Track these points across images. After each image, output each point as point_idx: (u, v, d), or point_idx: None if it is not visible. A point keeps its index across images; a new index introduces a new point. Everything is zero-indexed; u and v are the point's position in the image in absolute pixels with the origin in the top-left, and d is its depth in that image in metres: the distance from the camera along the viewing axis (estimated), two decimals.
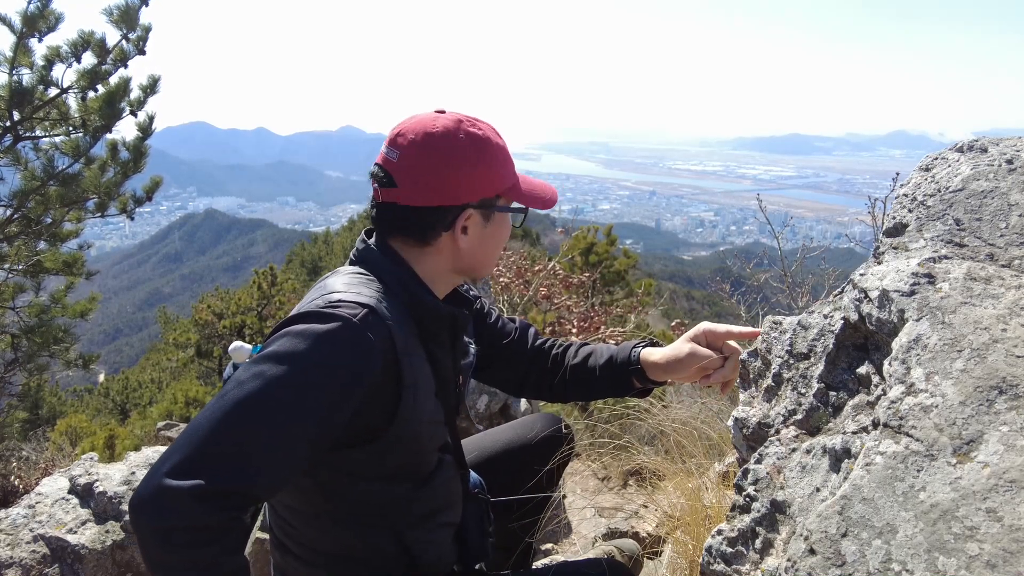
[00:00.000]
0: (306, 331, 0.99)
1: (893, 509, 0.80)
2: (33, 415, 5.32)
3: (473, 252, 1.19)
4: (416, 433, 1.12)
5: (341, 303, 1.04)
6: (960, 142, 1.25)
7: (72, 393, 11.91)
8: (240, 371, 0.98)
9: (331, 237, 29.50)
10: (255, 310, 13.01)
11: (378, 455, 1.10)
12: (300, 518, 1.18)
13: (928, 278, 1.01)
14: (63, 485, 2.29)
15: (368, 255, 1.19)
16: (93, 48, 3.83)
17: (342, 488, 1.13)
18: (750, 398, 1.24)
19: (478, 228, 1.18)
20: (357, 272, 1.16)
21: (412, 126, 1.14)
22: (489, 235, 1.20)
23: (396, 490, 1.16)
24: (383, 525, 1.16)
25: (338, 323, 1.00)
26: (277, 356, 0.97)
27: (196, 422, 0.93)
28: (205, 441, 0.90)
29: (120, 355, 42.00)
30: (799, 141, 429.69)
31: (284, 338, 0.99)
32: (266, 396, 0.94)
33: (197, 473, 0.87)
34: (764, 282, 4.53)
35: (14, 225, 4.00)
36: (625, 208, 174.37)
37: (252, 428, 0.92)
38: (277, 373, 0.95)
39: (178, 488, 0.86)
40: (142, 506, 0.87)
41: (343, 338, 1.00)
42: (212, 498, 0.87)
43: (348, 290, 1.08)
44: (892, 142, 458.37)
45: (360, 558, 1.17)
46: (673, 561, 1.57)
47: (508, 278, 6.68)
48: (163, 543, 0.86)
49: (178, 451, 0.90)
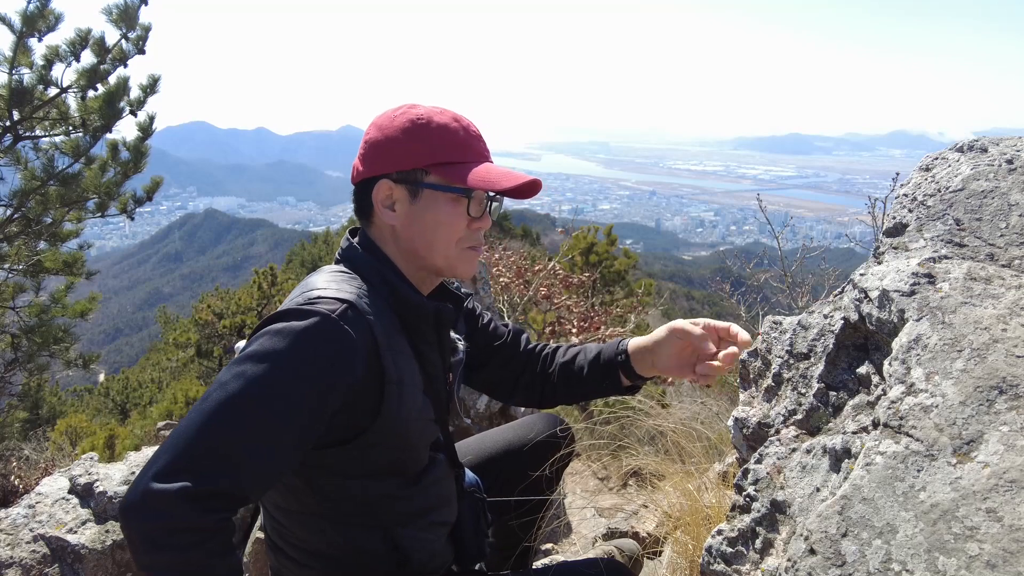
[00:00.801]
0: (285, 329, 0.99)
1: (893, 509, 0.80)
2: (33, 415, 5.32)
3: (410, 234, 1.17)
4: (404, 430, 1.12)
5: (320, 299, 1.04)
6: (960, 142, 1.25)
7: (72, 393, 11.92)
8: (222, 372, 0.98)
9: (331, 237, 29.50)
10: (255, 310, 13.00)
11: (363, 452, 1.10)
12: (292, 518, 1.18)
13: (928, 278, 1.01)
14: (63, 485, 2.29)
15: (350, 253, 1.20)
16: (92, 47, 3.83)
17: (331, 487, 1.13)
18: (750, 398, 1.24)
19: (405, 205, 1.16)
20: (339, 270, 1.16)
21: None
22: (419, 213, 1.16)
23: (385, 488, 1.15)
24: (373, 524, 1.16)
25: (316, 318, 1.00)
26: (257, 355, 0.97)
27: (181, 425, 0.93)
28: (190, 443, 0.90)
29: (120, 355, 42.01)
30: (799, 141, 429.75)
31: (264, 337, 0.99)
32: (248, 396, 0.94)
33: (183, 475, 0.88)
34: (764, 282, 4.53)
35: (14, 225, 4.00)
36: (625, 208, 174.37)
37: (235, 428, 0.93)
38: (258, 372, 0.95)
39: (165, 491, 0.86)
40: (130, 510, 0.87)
41: (322, 334, 1.00)
42: (199, 499, 0.88)
43: (328, 286, 1.09)
44: (892, 142, 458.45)
45: (352, 558, 1.17)
46: (673, 561, 1.57)
47: (508, 278, 6.68)
48: (152, 546, 0.86)
49: (164, 454, 0.90)
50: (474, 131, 1.20)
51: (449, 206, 1.16)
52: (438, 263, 1.19)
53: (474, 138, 1.19)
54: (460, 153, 1.17)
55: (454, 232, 1.17)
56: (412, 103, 1.21)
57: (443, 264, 1.19)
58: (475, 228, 1.19)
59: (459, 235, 1.18)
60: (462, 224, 1.17)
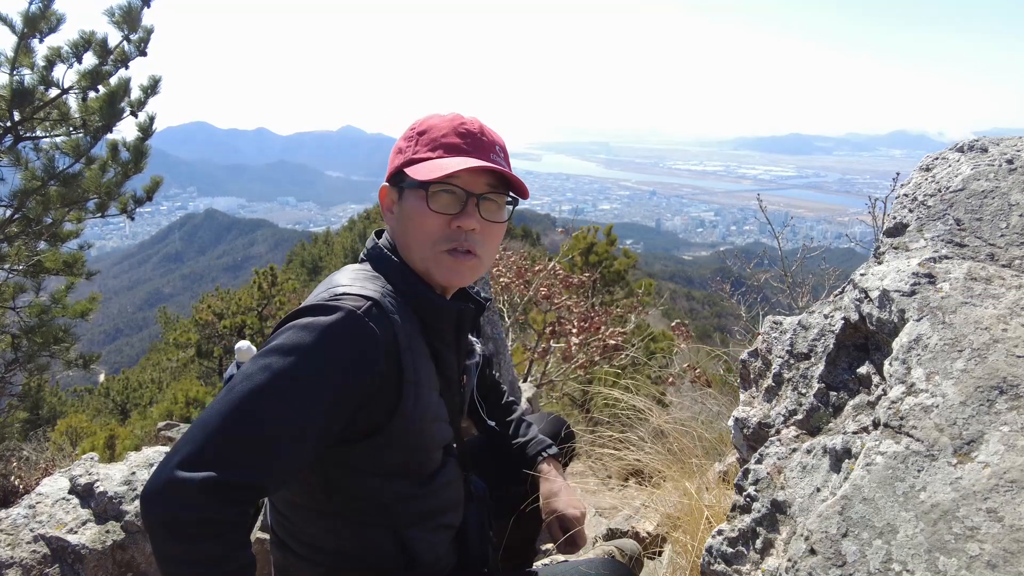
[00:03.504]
0: (311, 323, 1.00)
1: (894, 509, 0.80)
2: (33, 415, 5.32)
3: (398, 235, 1.19)
4: (419, 430, 1.13)
5: (345, 295, 1.05)
6: (960, 142, 1.25)
7: (72, 393, 11.92)
8: (248, 364, 0.99)
9: (331, 237, 29.54)
10: (255, 310, 13.01)
11: (379, 450, 1.11)
12: (302, 515, 1.18)
13: (928, 278, 1.01)
14: (63, 485, 2.29)
15: (375, 253, 1.20)
16: (94, 49, 3.83)
17: (346, 484, 1.13)
18: (750, 398, 1.24)
19: (396, 206, 1.19)
20: (364, 269, 1.17)
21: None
22: (402, 212, 1.16)
23: (398, 487, 1.16)
24: (385, 523, 1.16)
25: (342, 314, 1.01)
26: (283, 349, 0.97)
27: (206, 415, 0.93)
28: (215, 434, 0.90)
29: (120, 355, 42.03)
30: (799, 141, 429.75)
31: (290, 331, 1.00)
32: (274, 389, 0.94)
33: (207, 465, 0.88)
34: (764, 282, 4.54)
35: (15, 225, 4.00)
36: (625, 208, 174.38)
37: (260, 421, 0.93)
38: (284, 365, 0.96)
39: (188, 480, 0.86)
40: (152, 498, 0.87)
41: (347, 329, 1.01)
42: (221, 491, 0.88)
43: (353, 284, 1.09)
44: (892, 142, 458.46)
45: (360, 556, 1.17)
46: (673, 561, 1.57)
47: (508, 278, 6.68)
48: (172, 535, 0.86)
49: (188, 444, 0.90)
50: (469, 129, 1.17)
51: (416, 202, 1.13)
52: (418, 266, 1.16)
53: (464, 135, 1.16)
54: (439, 150, 1.14)
55: (424, 230, 1.13)
56: (444, 115, 1.25)
57: (421, 267, 1.16)
58: (455, 227, 1.13)
59: (433, 234, 1.13)
60: (432, 221, 1.12)
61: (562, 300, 6.72)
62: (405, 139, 1.20)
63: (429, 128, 1.18)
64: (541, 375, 6.47)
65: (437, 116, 1.21)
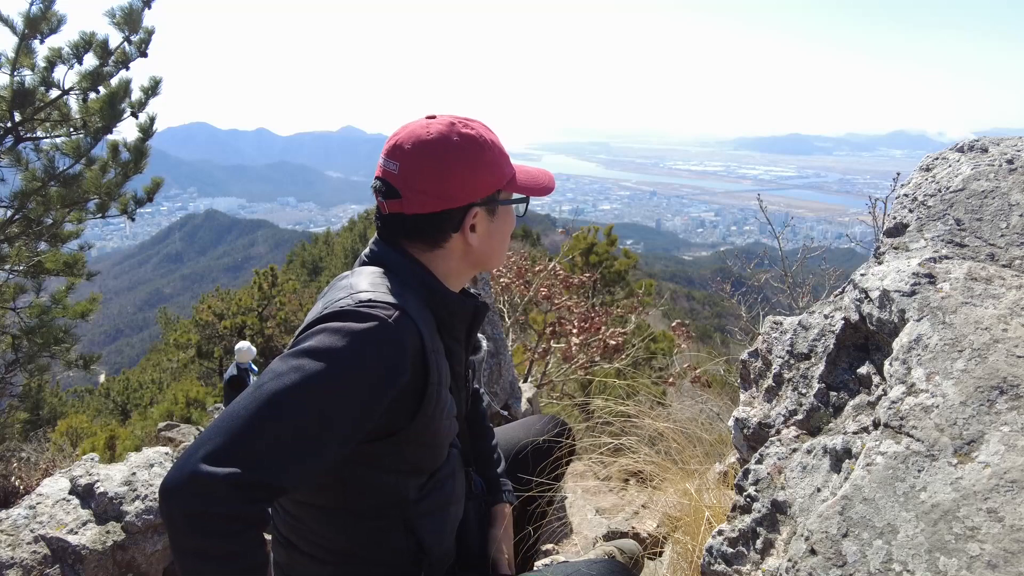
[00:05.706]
0: (344, 328, 1.00)
1: (894, 509, 0.80)
2: (34, 416, 5.32)
3: (483, 247, 1.22)
4: (436, 427, 1.14)
5: (374, 303, 1.05)
6: (960, 142, 1.25)
7: (73, 394, 11.92)
8: (277, 363, 0.98)
9: (332, 237, 29.53)
10: (256, 310, 13.01)
11: (395, 449, 1.11)
12: (313, 514, 1.18)
13: (929, 278, 1.01)
14: (64, 486, 2.29)
15: (385, 255, 1.20)
16: (95, 50, 3.83)
17: (359, 482, 1.13)
18: (751, 398, 1.24)
19: (485, 224, 1.21)
20: (379, 272, 1.16)
21: (407, 136, 1.16)
22: (496, 228, 1.23)
23: (410, 482, 1.17)
24: (395, 518, 1.17)
25: (375, 323, 1.01)
26: (315, 351, 0.97)
27: (233, 410, 0.93)
28: (242, 430, 0.90)
29: (121, 356, 42.04)
30: (799, 141, 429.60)
31: (322, 334, 0.99)
32: (303, 391, 0.94)
33: (233, 462, 0.87)
34: (765, 282, 4.54)
35: (15, 226, 4.00)
36: (625, 208, 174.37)
37: (289, 422, 0.93)
38: (315, 368, 0.95)
39: (213, 475, 0.86)
40: (175, 491, 0.86)
41: (380, 338, 1.01)
42: (245, 488, 0.87)
43: (376, 290, 1.09)
44: (892, 142, 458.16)
45: (370, 552, 1.17)
46: (673, 561, 1.57)
47: (508, 278, 6.68)
48: (193, 529, 0.86)
49: (214, 438, 0.89)
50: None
51: (512, 212, 1.27)
52: (496, 262, 1.28)
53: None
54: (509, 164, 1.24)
55: (511, 232, 1.28)
56: (444, 119, 1.18)
57: (499, 263, 1.30)
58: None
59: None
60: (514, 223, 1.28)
61: (562, 300, 6.73)
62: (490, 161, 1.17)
63: (488, 144, 1.18)
64: (541, 375, 6.48)
65: (475, 124, 1.20)
